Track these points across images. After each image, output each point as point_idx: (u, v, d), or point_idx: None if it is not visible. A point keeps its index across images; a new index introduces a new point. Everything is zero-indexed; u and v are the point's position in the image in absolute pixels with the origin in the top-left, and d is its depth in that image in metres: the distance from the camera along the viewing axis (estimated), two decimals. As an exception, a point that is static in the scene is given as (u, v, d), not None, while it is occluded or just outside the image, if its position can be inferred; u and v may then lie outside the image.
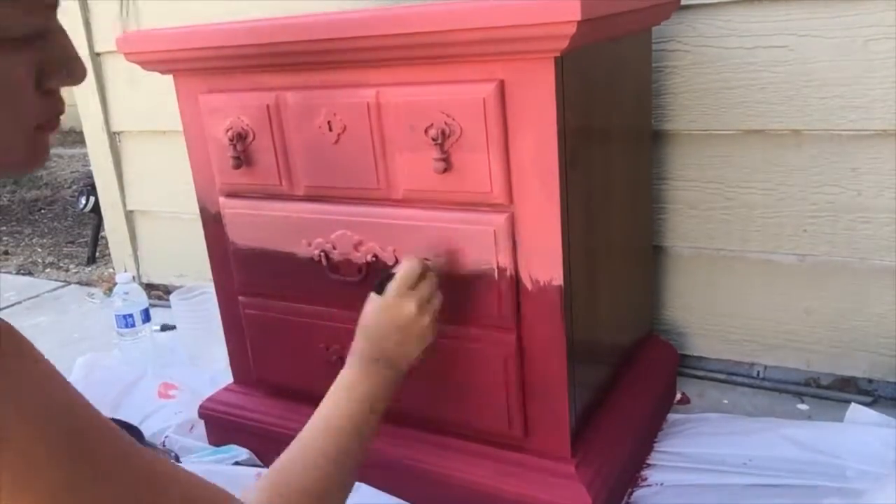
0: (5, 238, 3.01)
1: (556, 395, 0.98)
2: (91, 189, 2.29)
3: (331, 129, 1.00)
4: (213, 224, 1.18)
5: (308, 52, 0.97)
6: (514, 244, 0.93)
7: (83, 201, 2.39)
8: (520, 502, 0.99)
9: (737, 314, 1.38)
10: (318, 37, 0.94)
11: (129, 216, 2.10)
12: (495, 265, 0.94)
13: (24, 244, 2.92)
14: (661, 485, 1.11)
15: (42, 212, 3.38)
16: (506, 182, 0.91)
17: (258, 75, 1.04)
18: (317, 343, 1.12)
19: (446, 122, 0.90)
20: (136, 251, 2.13)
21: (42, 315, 2.08)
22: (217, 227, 1.17)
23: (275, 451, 0.74)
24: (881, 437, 1.13)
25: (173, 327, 1.75)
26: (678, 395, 1.36)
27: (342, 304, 1.07)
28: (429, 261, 0.95)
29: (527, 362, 0.98)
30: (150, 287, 2.12)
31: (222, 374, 1.39)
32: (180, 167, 1.28)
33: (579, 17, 0.76)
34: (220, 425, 1.28)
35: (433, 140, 0.91)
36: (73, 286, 2.31)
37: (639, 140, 1.22)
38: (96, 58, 1.95)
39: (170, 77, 1.14)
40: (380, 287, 0.91)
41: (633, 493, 1.11)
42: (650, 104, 1.27)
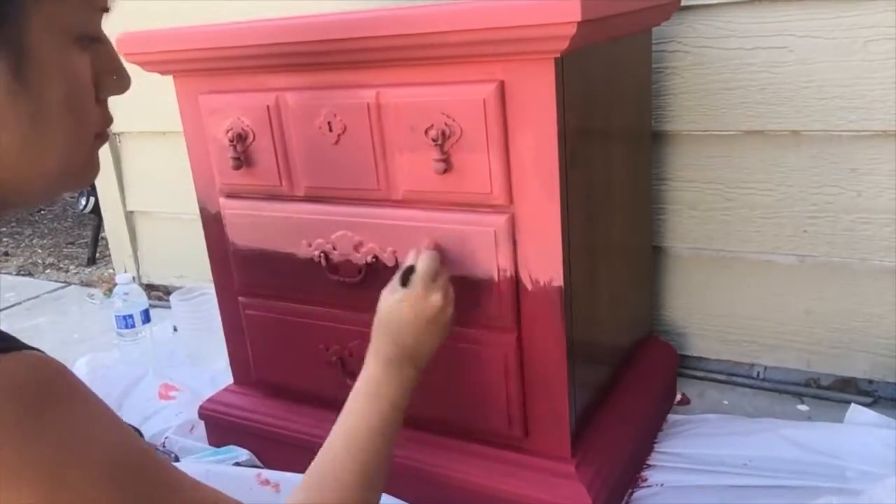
0: (5, 239, 3.01)
1: (556, 395, 0.98)
2: (91, 190, 2.30)
3: (331, 130, 1.00)
4: (213, 225, 1.19)
5: (308, 53, 0.97)
6: (515, 245, 0.93)
7: (83, 202, 2.40)
8: (520, 502, 0.99)
9: (737, 315, 1.38)
10: (318, 37, 0.94)
11: (129, 217, 2.10)
12: (495, 266, 0.94)
13: (24, 245, 2.92)
14: (662, 485, 1.11)
15: (42, 212, 3.37)
16: (506, 183, 0.91)
17: (258, 76, 1.04)
18: (317, 344, 1.12)
19: (446, 123, 0.90)
20: (136, 252, 2.13)
21: (42, 316, 2.08)
22: (217, 228, 1.18)
23: (275, 451, 0.74)
24: (881, 438, 1.13)
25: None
26: (678, 396, 1.36)
27: (342, 305, 1.07)
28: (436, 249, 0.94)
29: (527, 362, 0.98)
30: (150, 288, 2.12)
31: (222, 375, 1.39)
32: (180, 168, 1.28)
33: (579, 18, 0.76)
34: (221, 426, 1.28)
35: (433, 141, 0.91)
36: (73, 287, 2.31)
37: (638, 141, 1.22)
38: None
39: (170, 78, 1.14)
40: (403, 282, 0.89)
41: (634, 493, 1.11)
42: (650, 105, 1.27)
